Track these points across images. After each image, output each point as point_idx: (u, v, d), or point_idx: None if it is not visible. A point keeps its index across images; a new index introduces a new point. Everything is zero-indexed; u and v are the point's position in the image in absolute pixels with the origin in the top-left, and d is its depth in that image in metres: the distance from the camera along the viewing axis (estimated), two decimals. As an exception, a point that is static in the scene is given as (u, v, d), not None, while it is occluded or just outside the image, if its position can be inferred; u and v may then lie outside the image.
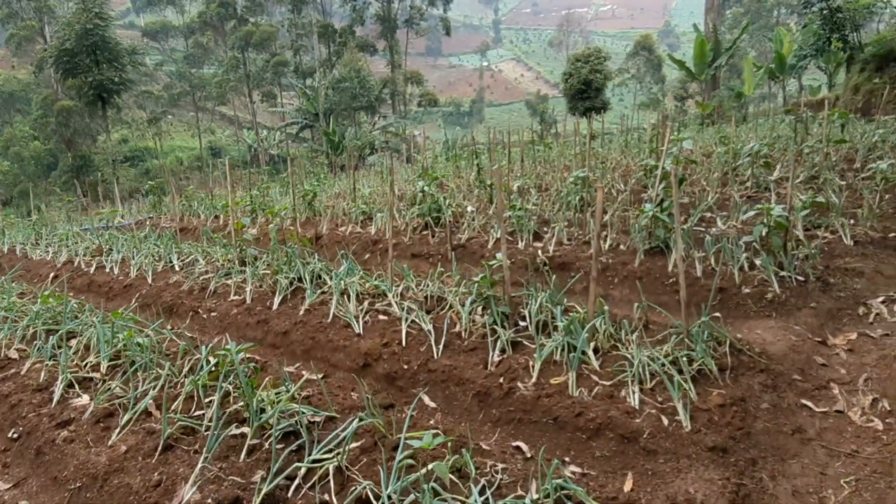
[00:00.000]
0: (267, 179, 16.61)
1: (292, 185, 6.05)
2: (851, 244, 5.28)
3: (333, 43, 58.95)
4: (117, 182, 36.25)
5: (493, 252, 5.69)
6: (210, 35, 69.06)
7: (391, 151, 42.28)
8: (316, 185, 8.10)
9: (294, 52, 61.32)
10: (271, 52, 63.57)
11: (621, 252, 5.25)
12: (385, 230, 6.82)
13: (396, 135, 46.32)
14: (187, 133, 75.89)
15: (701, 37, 29.60)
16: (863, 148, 9.49)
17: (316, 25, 51.57)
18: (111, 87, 35.19)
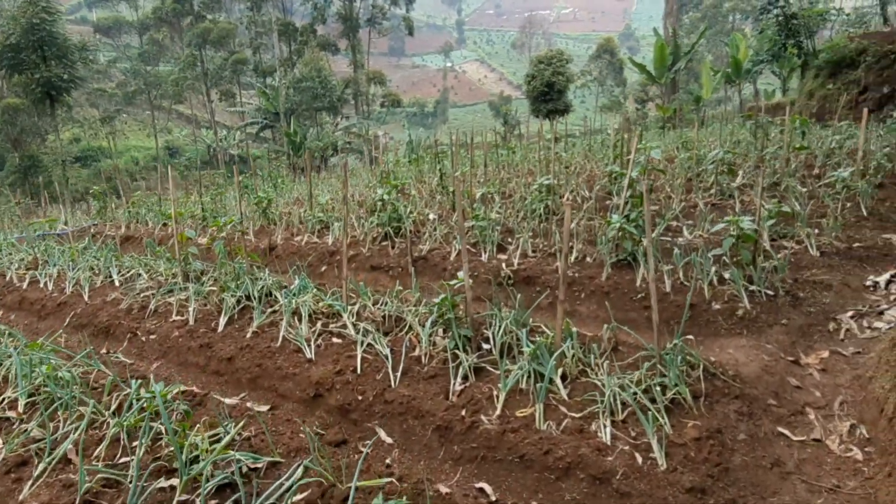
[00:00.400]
0: (224, 182, 16.06)
1: (238, 191, 5.68)
2: (818, 255, 5.22)
3: (294, 42, 58.02)
4: (67, 184, 34.81)
5: (455, 265, 5.45)
6: (165, 31, 67.19)
7: (353, 153, 41.74)
8: (271, 192, 7.73)
9: (253, 51, 60.10)
10: (230, 49, 62.18)
11: (587, 265, 5.07)
12: (348, 239, 6.51)
13: (359, 136, 45.80)
14: (143, 132, 73.63)
15: (661, 41, 30.04)
16: (821, 154, 9.60)
17: (276, 23, 50.58)
18: (60, 85, 33.77)
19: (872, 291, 4.64)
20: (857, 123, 15.46)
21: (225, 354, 3.86)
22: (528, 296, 4.88)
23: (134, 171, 56.57)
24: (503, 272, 5.08)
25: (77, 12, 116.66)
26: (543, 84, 41.92)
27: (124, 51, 79.16)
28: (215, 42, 59.43)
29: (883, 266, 5.13)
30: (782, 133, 11.06)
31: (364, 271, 5.90)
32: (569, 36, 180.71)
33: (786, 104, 23.73)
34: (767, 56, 22.00)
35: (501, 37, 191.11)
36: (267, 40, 58.50)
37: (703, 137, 13.65)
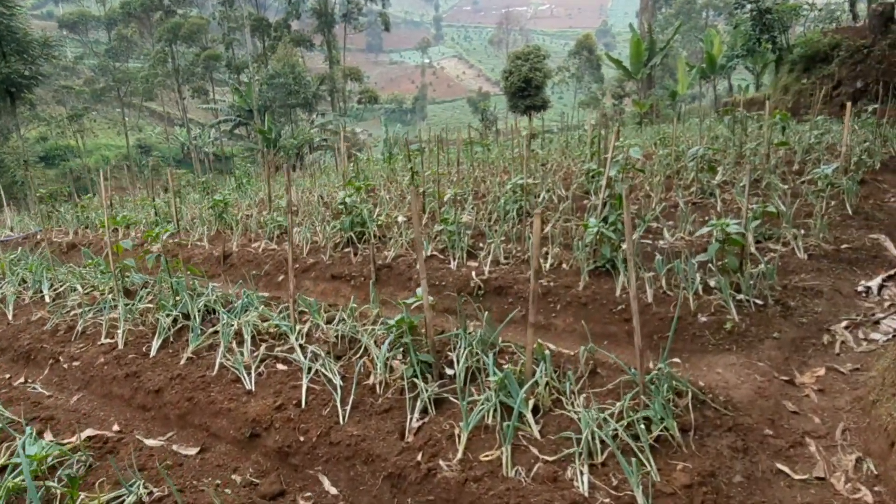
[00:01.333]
0: (195, 182, 15.35)
1: (172, 195, 5.19)
2: (805, 258, 4.91)
3: (268, 37, 56.98)
4: (30, 185, 33.61)
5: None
6: (134, 27, 65.53)
7: (330, 151, 41.11)
8: (230, 194, 7.23)
9: (226, 47, 58.91)
10: (202, 45, 60.92)
11: (564, 273, 4.69)
12: (306, 246, 6.06)
13: (335, 133, 45.09)
14: (113, 131, 71.87)
15: (636, 36, 29.92)
16: (800, 149, 9.36)
17: (248, 19, 49.56)
18: (20, 82, 32.51)
19: (865, 297, 4.34)
20: (833, 118, 15.39)
21: (153, 385, 3.40)
22: (499, 308, 4.49)
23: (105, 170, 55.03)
24: (473, 282, 4.68)
25: (43, 7, 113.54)
26: (521, 80, 41.68)
27: (92, 47, 77.15)
28: (186, 38, 58.12)
29: (873, 269, 4.84)
30: (761, 129, 10.84)
31: (324, 281, 5.45)
32: (546, 32, 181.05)
33: (760, 99, 23.73)
34: (742, 51, 21.90)
35: (479, 33, 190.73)
36: (240, 36, 57.37)
37: (680, 133, 13.41)
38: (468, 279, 4.73)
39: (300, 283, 5.57)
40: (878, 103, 13.07)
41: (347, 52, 65.04)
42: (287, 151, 35.15)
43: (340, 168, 15.46)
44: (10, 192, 28.19)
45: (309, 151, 38.41)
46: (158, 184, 14.13)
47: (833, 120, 14.59)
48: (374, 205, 8.09)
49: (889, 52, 15.20)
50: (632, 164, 4.69)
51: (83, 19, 73.74)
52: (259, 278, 5.82)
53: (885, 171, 8.41)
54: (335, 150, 39.29)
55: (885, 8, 15.09)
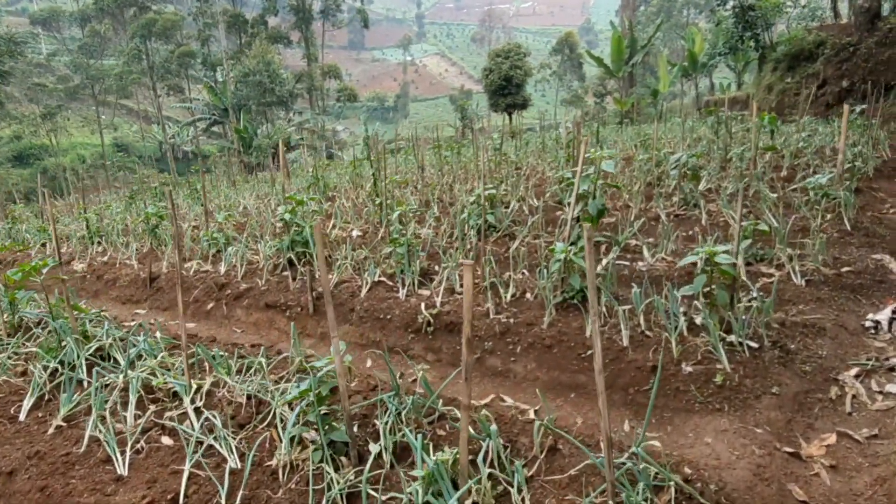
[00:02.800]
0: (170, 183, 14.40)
1: (52, 218, 4.47)
2: (803, 284, 4.32)
3: (245, 34, 55.84)
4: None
5: (366, 304, 4.36)
6: (108, 23, 63.95)
7: (308, 150, 40.24)
8: (161, 209, 6.48)
9: (202, 43, 57.64)
10: (177, 42, 59.62)
11: (527, 305, 4.04)
12: (241, 267, 5.36)
13: (313, 131, 44.25)
14: (88, 129, 70.13)
15: (617, 34, 29.44)
16: (788, 154, 8.83)
17: (222, 14, 48.42)
18: (-16, 80, 31.36)
19: (874, 335, 3.75)
20: (819, 118, 14.95)
21: (6, 465, 2.70)
22: (450, 349, 3.83)
23: (80, 169, 53.47)
24: (422, 316, 4.02)
25: (17, 3, 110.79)
26: (501, 78, 41.14)
27: (66, 44, 75.27)
28: (160, 34, 56.83)
29: (879, 296, 4.27)
30: (747, 132, 10.30)
31: (257, 310, 4.76)
32: (528, 30, 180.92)
33: (743, 98, 23.33)
34: (724, 49, 21.48)
35: (462, 30, 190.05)
36: (216, 32, 56.12)
37: (662, 135, 12.85)
38: (417, 312, 4.07)
39: (231, 313, 4.88)
40: (866, 103, 12.65)
41: (328, 50, 63.95)
42: (262, 151, 34.28)
43: (306, 172, 14.65)
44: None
45: (287, 150, 37.52)
46: (128, 186, 13.31)
47: (819, 120, 14.15)
48: (329, 216, 7.41)
49: (876, 49, 14.79)
50: (606, 180, 4.06)
51: (55, 15, 71.81)
52: (187, 305, 5.11)
53: (879, 177, 7.89)
54: (312, 150, 38.40)
55: (871, 4, 14.67)
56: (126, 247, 6.62)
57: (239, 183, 13.12)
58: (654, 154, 7.99)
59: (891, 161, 9.03)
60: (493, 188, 6.20)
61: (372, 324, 4.17)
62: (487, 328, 3.78)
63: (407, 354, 3.91)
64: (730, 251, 3.48)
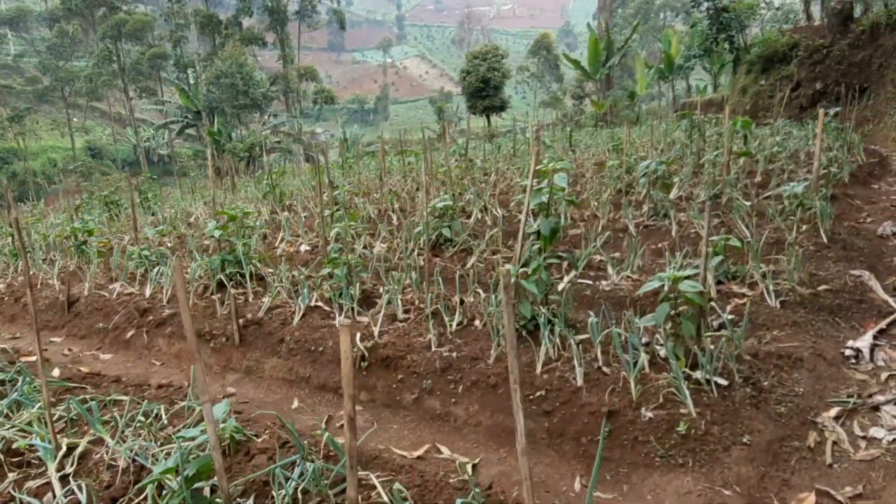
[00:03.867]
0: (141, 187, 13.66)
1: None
2: (777, 306, 3.96)
3: (219, 35, 54.87)
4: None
5: (298, 333, 3.90)
6: (76, 23, 62.49)
7: (283, 153, 39.53)
8: (87, 225, 5.94)
9: (174, 44, 56.54)
10: (148, 43, 58.41)
11: (474, 335, 3.62)
12: (167, 290, 4.86)
13: (289, 134, 43.56)
14: (59, 132, 68.49)
15: (594, 36, 29.29)
16: (762, 158, 8.54)
17: (195, 15, 47.51)
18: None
19: (855, 365, 3.39)
20: (793, 121, 14.78)
21: None
22: (385, 387, 3.40)
23: (52, 173, 51.85)
24: (356, 348, 3.57)
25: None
26: (479, 80, 40.82)
27: (35, 44, 73.41)
28: (131, 35, 55.62)
29: (859, 318, 3.92)
30: (720, 136, 10.01)
31: (180, 339, 4.28)
32: (508, 32, 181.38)
33: (718, 100, 23.24)
34: (699, 51, 21.34)
35: (442, 32, 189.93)
36: (189, 33, 55.10)
37: (635, 138, 12.55)
38: (352, 344, 3.61)
39: (152, 342, 4.38)
40: (839, 106, 12.47)
41: (308, 51, 63.02)
42: (236, 154, 33.55)
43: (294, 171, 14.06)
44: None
45: (262, 154, 36.85)
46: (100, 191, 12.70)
47: (793, 123, 13.98)
48: (278, 227, 6.92)
49: (848, 51, 14.67)
50: (561, 194, 3.65)
51: (23, 15, 69.95)
52: (105, 333, 4.61)
53: (854, 182, 7.62)
54: (287, 153, 37.69)
55: (843, 6, 14.55)
56: (52, 265, 6.07)
57: (199, 189, 12.54)
58: (624, 160, 7.63)
59: (866, 165, 8.80)
60: (451, 199, 5.77)
61: (302, 357, 3.72)
62: (427, 364, 3.35)
63: (338, 393, 3.47)
64: (696, 277, 3.09)
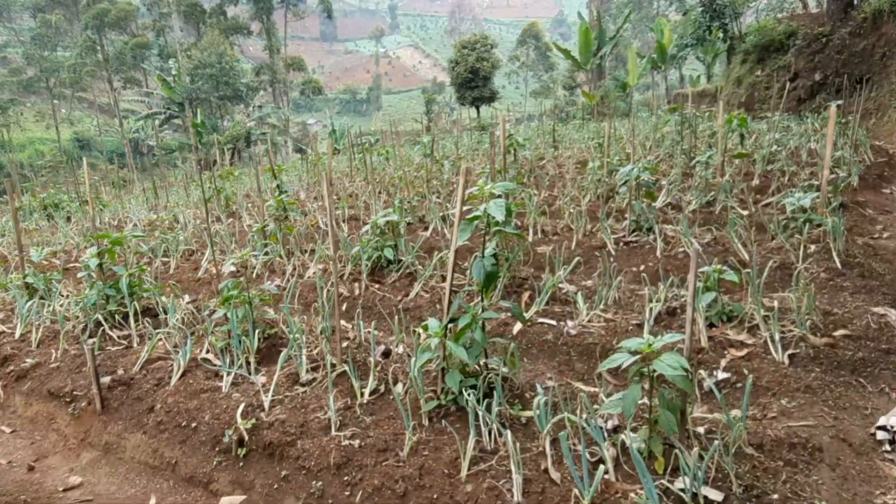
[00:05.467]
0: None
1: None
2: (784, 361, 3.12)
3: (203, 24, 53.60)
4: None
5: (172, 397, 3.04)
6: (59, 12, 61.02)
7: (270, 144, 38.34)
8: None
9: (157, 34, 55.26)
10: (131, 32, 57.10)
11: (389, 411, 2.77)
12: (39, 329, 3.97)
13: (275, 126, 42.52)
14: (45, 123, 66.97)
15: (585, 25, 28.37)
16: (760, 158, 7.70)
17: (173, 3, 46.21)
18: None
19: (890, 453, 2.56)
20: (791, 114, 13.94)
21: None
22: (265, 486, 2.54)
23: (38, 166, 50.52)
24: (234, 427, 2.71)
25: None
26: (467, 70, 39.83)
27: (18, 34, 71.61)
28: (114, 24, 54.29)
29: (889, 378, 3.07)
30: (713, 136, 9.16)
31: (39, 399, 3.41)
32: (501, 22, 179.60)
33: (712, 91, 22.37)
34: (692, 39, 20.45)
35: (435, 22, 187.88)
36: (172, 22, 53.75)
37: (623, 134, 11.69)
38: (232, 421, 2.76)
39: (9, 400, 3.52)
40: (840, 98, 11.63)
41: (301, 41, 61.62)
42: (220, 146, 32.57)
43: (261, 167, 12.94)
44: None
45: (246, 146, 35.86)
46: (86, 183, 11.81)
47: (792, 116, 13.13)
48: (203, 245, 6.01)
49: (850, 40, 13.80)
50: (494, 225, 2.76)
51: (6, 4, 68.12)
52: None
53: (864, 187, 6.78)
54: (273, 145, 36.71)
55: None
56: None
57: (171, 185, 11.58)
58: (605, 161, 6.77)
59: (874, 166, 7.96)
60: (399, 212, 4.90)
61: (171, 434, 2.86)
62: (321, 455, 2.49)
63: (208, 489, 2.61)
64: (680, 343, 2.24)
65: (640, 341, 2.22)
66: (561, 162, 9.51)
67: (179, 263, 5.57)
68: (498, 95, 41.15)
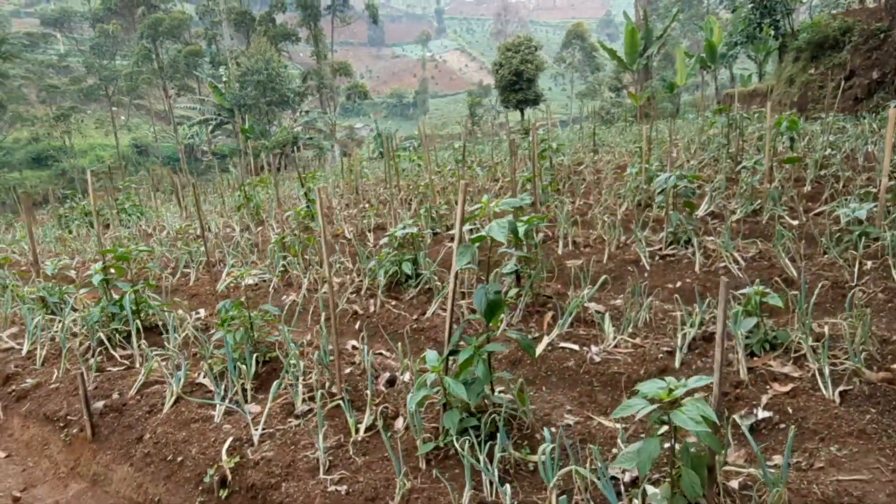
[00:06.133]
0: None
1: None
2: (835, 399, 2.75)
3: (253, 31, 54.86)
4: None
5: (161, 427, 2.89)
6: (117, 23, 63.58)
7: (314, 149, 39.13)
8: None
9: (208, 42, 56.89)
10: (185, 41, 58.99)
11: (383, 451, 2.54)
12: (43, 347, 3.92)
13: (320, 131, 43.10)
14: (104, 130, 69.90)
15: (631, 25, 27.69)
16: (812, 163, 7.15)
17: (224, 12, 47.44)
18: (-29, 84, 30.64)
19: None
20: (847, 114, 13.11)
21: None
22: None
23: (100, 170, 52.74)
24: (219, 464, 2.53)
25: (36, 5, 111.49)
26: (511, 73, 39.43)
27: (78, 44, 74.98)
28: (168, 33, 56.16)
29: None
30: (762, 139, 8.61)
31: (36, 422, 3.33)
32: (548, 23, 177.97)
33: (763, 90, 21.39)
34: (741, 37, 19.59)
35: (482, 25, 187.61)
36: (223, 30, 55.25)
37: (666, 137, 11.18)
38: (217, 457, 2.58)
39: (7, 422, 3.46)
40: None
41: (349, 47, 62.37)
42: (269, 150, 33.34)
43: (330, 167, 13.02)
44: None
45: (293, 150, 36.44)
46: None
47: (847, 117, 12.34)
48: (219, 260, 5.93)
49: (914, 36, 12.88)
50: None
51: (66, 16, 71.37)
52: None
53: (929, 197, 6.20)
54: (318, 149, 37.13)
55: (909, -16, 12.76)
56: None
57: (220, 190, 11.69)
58: (644, 167, 6.39)
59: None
60: (424, 219, 4.68)
61: (157, 468, 2.71)
62: (304, 502, 2.28)
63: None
64: (708, 387, 1.93)
65: (659, 385, 1.93)
66: (600, 167, 9.13)
67: (200, 275, 5.49)
68: (543, 98, 40.57)
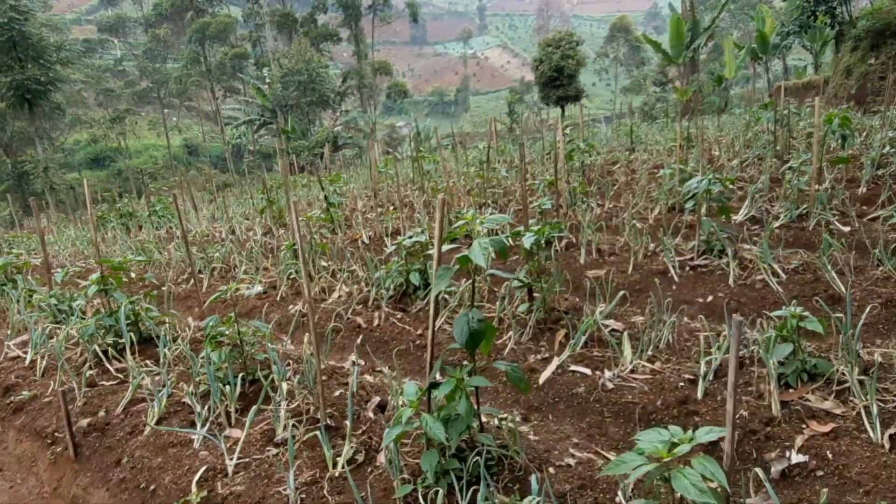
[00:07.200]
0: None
1: None
2: (885, 445, 2.37)
3: (295, 32, 55.70)
4: (51, 190, 33.11)
5: (140, 450, 2.74)
6: (167, 28, 65.62)
7: (354, 148, 39.41)
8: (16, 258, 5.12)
9: (253, 44, 58.06)
10: (230, 43, 60.36)
11: (371, 480, 2.31)
12: (43, 358, 3.85)
13: (359, 130, 43.33)
14: (156, 131, 72.33)
15: (676, 16, 26.74)
16: (868, 162, 6.58)
17: (268, 14, 48.25)
18: (36, 88, 31.87)
19: None
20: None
21: None
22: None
23: (154, 171, 54.54)
24: (186, 498, 2.36)
25: (96, 12, 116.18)
26: (552, 69, 38.73)
27: (134, 49, 77.69)
28: (214, 36, 57.55)
29: None
30: (811, 136, 8.04)
31: (29, 437, 3.24)
32: (592, 17, 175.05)
33: (818, 82, 20.29)
34: (794, 26, 18.61)
35: (524, 21, 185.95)
36: (266, 32, 56.29)
37: (709, 136, 10.62)
38: (188, 489, 2.41)
39: (3, 435, 3.38)
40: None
41: (391, 46, 62.70)
42: (309, 150, 33.74)
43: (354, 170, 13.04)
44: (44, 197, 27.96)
45: (333, 150, 36.69)
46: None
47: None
48: (231, 265, 5.81)
49: None
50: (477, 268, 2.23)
51: (121, 22, 74.08)
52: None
53: None
54: (357, 148, 37.37)
55: (983, -36, 11.79)
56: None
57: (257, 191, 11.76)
58: (678, 167, 5.98)
59: None
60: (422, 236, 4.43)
61: (131, 496, 2.55)
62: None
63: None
64: (719, 442, 1.63)
65: (659, 439, 1.63)
66: (635, 167, 8.70)
67: (213, 282, 5.40)
68: (584, 94, 39.74)
